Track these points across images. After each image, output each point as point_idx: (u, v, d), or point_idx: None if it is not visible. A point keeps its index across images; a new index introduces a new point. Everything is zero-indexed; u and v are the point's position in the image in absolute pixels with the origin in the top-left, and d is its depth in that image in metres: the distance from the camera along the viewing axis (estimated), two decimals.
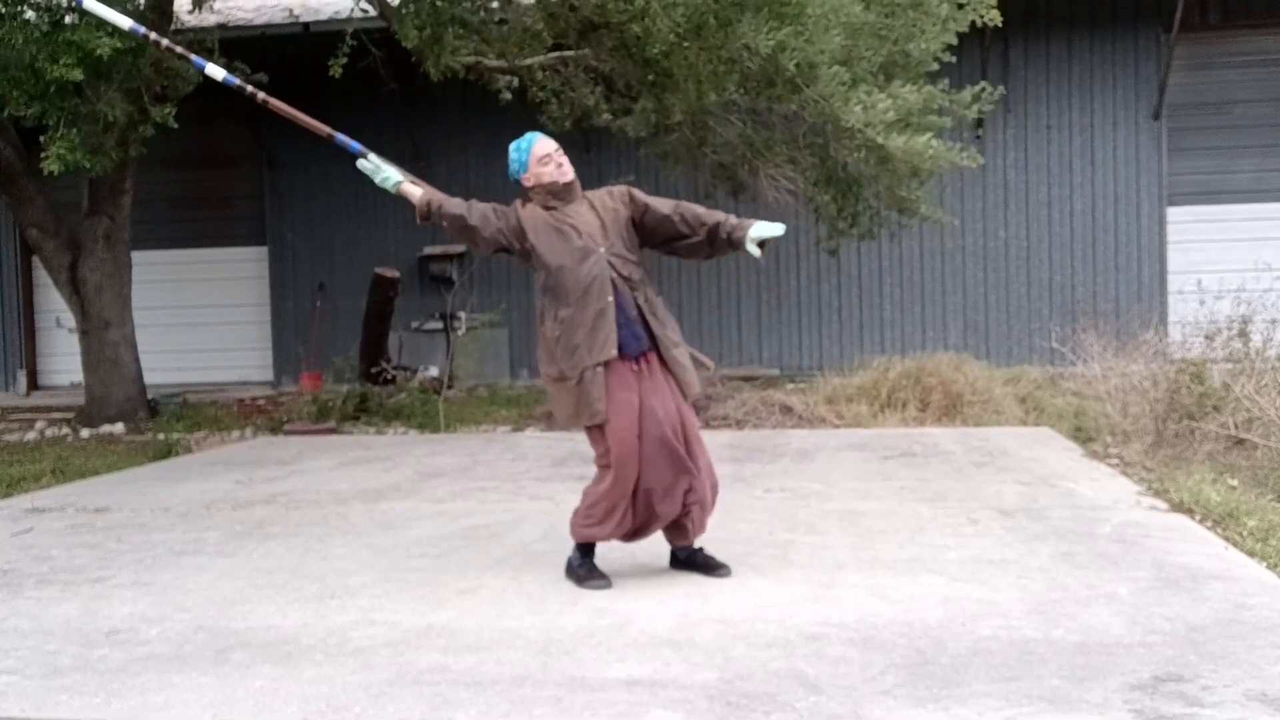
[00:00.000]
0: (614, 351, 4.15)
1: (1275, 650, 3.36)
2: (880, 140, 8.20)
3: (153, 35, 4.72)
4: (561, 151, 4.35)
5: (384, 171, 4.42)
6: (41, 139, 8.42)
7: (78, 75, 7.80)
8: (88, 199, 10.88)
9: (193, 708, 3.14)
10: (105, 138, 8.64)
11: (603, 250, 4.22)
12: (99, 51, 7.70)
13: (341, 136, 4.50)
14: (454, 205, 4.35)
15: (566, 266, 4.20)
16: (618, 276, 4.22)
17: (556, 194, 4.31)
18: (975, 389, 9.58)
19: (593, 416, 4.17)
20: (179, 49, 4.83)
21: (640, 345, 4.23)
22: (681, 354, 4.33)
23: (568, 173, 4.32)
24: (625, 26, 8.45)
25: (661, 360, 4.28)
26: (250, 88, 4.60)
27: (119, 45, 7.85)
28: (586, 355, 4.16)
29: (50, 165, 8.12)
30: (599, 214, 4.32)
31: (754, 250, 4.25)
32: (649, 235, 4.38)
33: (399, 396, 10.93)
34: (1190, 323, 8.25)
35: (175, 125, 8.97)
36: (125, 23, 4.79)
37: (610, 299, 4.18)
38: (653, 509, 4.21)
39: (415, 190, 4.41)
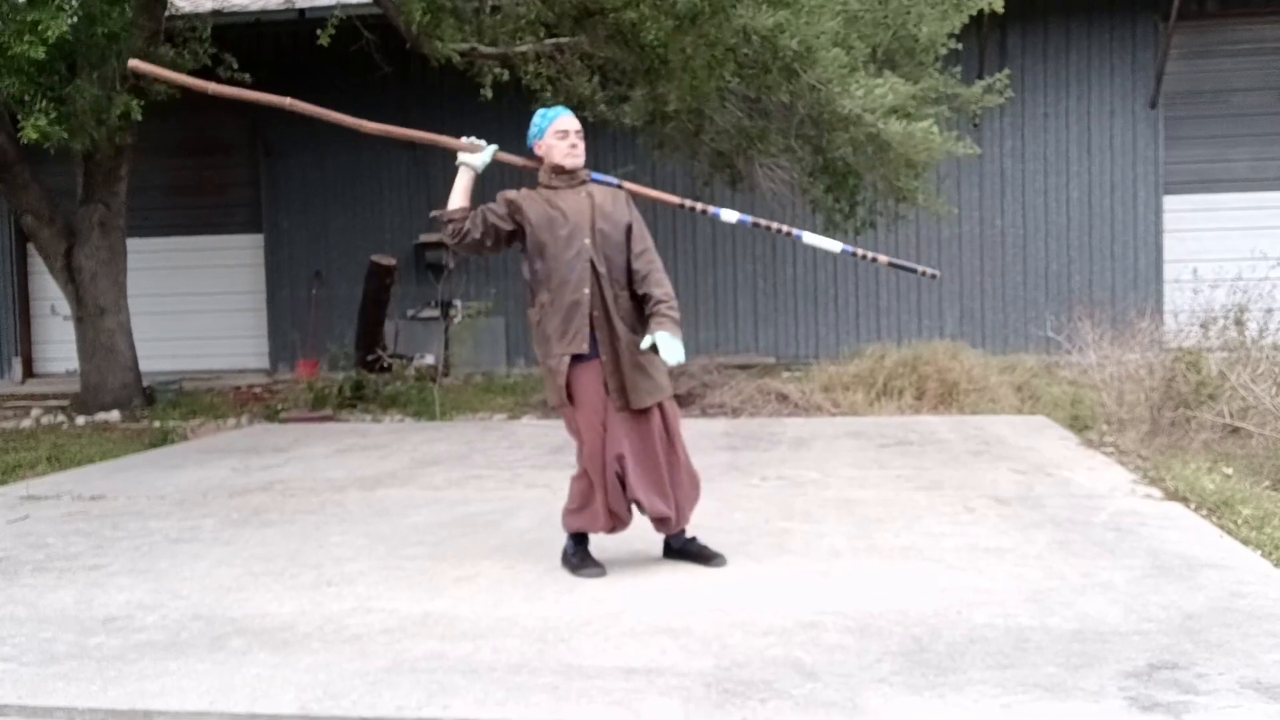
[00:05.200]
0: (584, 346, 4.17)
1: (1270, 638, 3.37)
2: (879, 126, 8.15)
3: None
4: (581, 135, 4.32)
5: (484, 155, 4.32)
6: (18, 115, 8.56)
7: (40, 54, 7.84)
8: (83, 186, 10.83)
9: (189, 695, 3.14)
10: (83, 119, 8.70)
11: (587, 241, 4.20)
12: (49, 33, 7.76)
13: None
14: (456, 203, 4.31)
15: (550, 251, 4.20)
16: (600, 272, 4.19)
17: (558, 174, 4.30)
18: (971, 377, 9.59)
19: (560, 402, 4.23)
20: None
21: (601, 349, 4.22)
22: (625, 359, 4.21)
23: (576, 158, 4.28)
24: (620, 13, 8.42)
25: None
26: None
27: (65, 30, 7.95)
28: (558, 345, 4.19)
29: (27, 135, 8.26)
30: (593, 205, 4.28)
31: (646, 342, 4.13)
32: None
33: (395, 384, 10.92)
34: (1186, 311, 8.25)
35: (139, 118, 9.01)
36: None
37: (586, 292, 4.18)
38: (615, 507, 4.25)
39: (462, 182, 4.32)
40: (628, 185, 4.41)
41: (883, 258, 4.59)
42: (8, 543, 5.18)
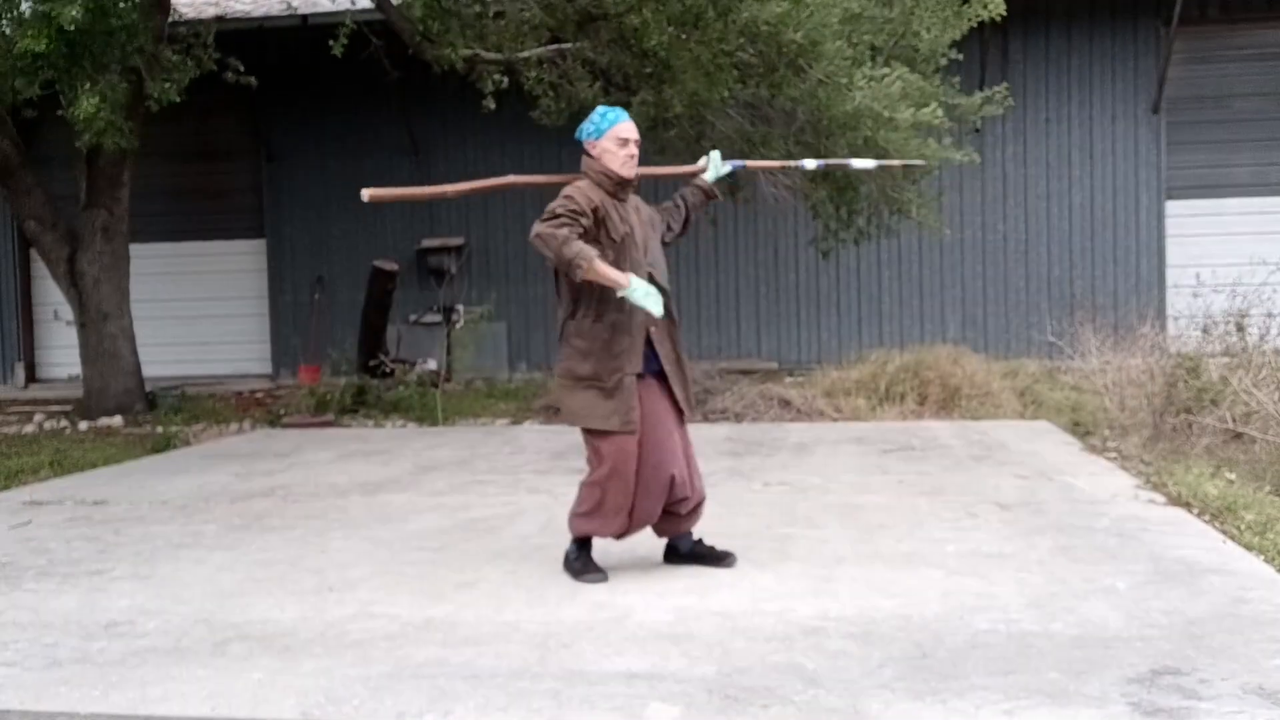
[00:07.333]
0: (640, 365, 4.18)
1: (1272, 644, 3.36)
2: (889, 115, 8.14)
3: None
4: (639, 144, 4.23)
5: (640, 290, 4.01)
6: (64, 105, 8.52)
7: (41, 46, 7.73)
8: (86, 191, 10.85)
9: (191, 700, 3.15)
10: (115, 116, 8.69)
11: (649, 257, 4.24)
12: (60, 20, 7.59)
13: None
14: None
15: (625, 266, 4.10)
16: (662, 287, 4.20)
17: (613, 181, 4.17)
18: (973, 382, 9.58)
19: (626, 424, 4.12)
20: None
21: (653, 365, 4.25)
22: (688, 370, 4.39)
23: (631, 169, 4.20)
24: (623, 18, 8.43)
25: (662, 381, 4.28)
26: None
27: (75, 18, 7.73)
28: (628, 362, 4.14)
29: (80, 111, 8.15)
30: (640, 219, 4.29)
31: (718, 168, 4.61)
32: (671, 235, 4.56)
33: (397, 389, 10.92)
34: (1188, 316, 8.24)
35: (178, 98, 9.02)
36: None
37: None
38: (643, 516, 4.27)
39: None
40: (749, 164, 4.88)
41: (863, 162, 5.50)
42: (11, 548, 5.19)
